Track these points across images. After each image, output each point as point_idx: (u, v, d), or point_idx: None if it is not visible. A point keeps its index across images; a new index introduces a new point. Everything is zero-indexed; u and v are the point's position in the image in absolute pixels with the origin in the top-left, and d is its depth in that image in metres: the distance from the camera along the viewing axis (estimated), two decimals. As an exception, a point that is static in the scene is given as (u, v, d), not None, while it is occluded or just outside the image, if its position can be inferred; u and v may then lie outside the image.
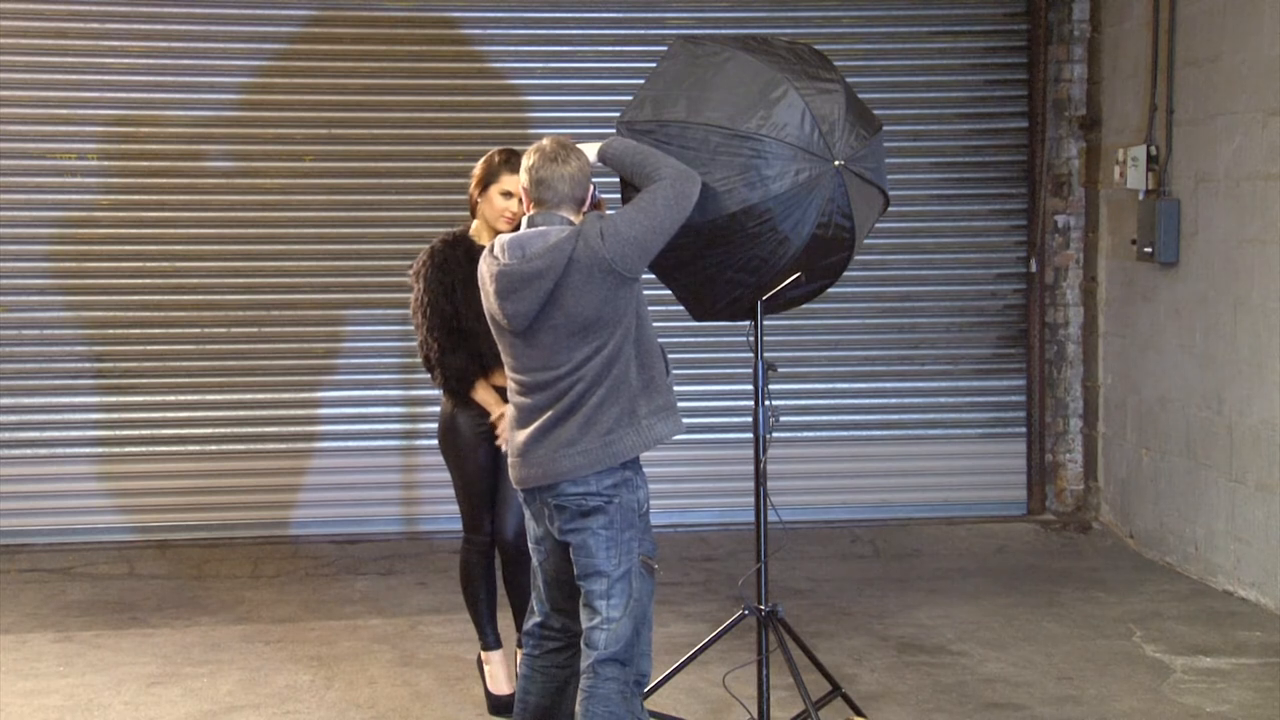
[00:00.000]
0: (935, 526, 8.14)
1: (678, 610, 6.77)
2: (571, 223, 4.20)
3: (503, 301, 4.17)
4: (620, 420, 4.19)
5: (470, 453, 5.26)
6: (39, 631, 6.52)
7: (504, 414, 5.09)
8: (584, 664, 4.26)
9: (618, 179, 4.61)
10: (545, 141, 4.27)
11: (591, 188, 4.28)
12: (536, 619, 4.49)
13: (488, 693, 5.44)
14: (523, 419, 4.30)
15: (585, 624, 4.27)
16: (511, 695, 5.15)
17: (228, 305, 7.91)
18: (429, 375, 5.26)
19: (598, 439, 4.18)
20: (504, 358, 4.34)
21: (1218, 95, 6.95)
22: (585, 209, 4.26)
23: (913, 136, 8.18)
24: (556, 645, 4.46)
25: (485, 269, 4.25)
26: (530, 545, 4.46)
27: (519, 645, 5.34)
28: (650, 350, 4.29)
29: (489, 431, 5.21)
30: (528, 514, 4.42)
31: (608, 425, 4.17)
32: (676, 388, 7.82)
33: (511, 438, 4.36)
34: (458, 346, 5.15)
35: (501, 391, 5.13)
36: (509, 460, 4.39)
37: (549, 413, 4.21)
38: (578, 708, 4.25)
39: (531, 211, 4.26)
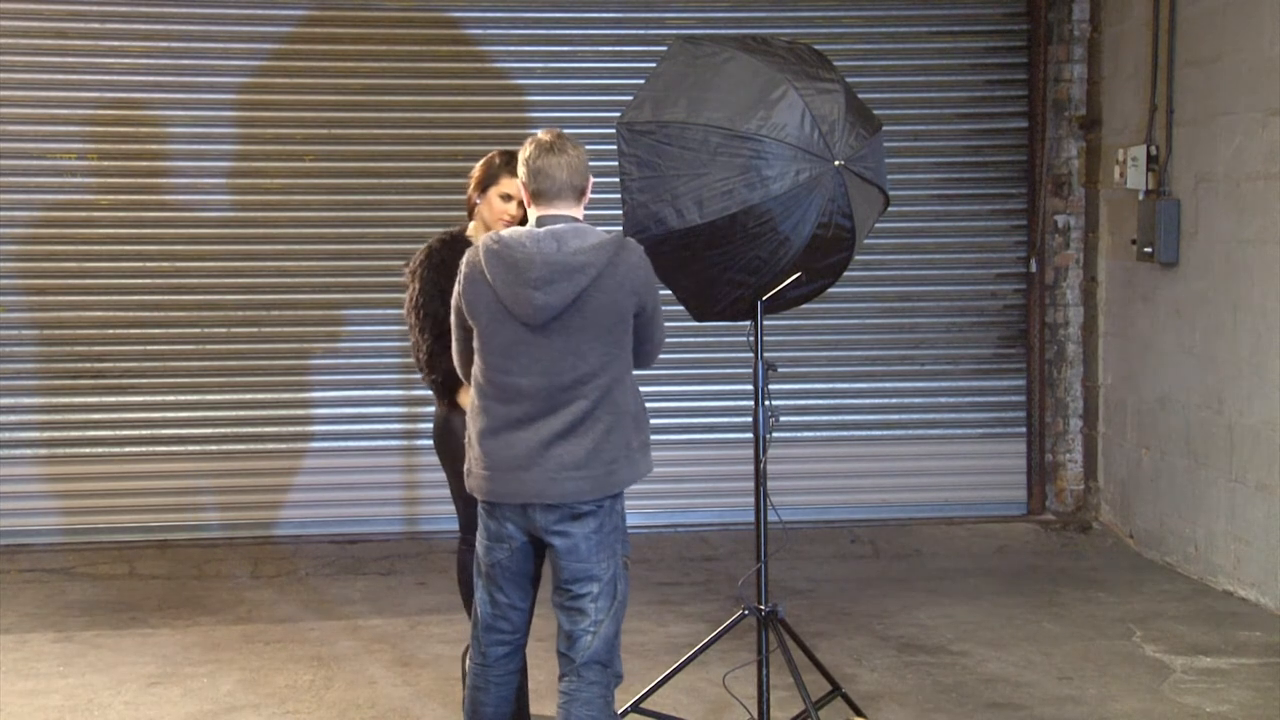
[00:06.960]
0: (935, 526, 8.14)
1: (678, 610, 6.77)
2: (580, 221, 4.14)
3: (535, 291, 4.01)
4: (620, 450, 4.15)
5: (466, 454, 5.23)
6: (39, 631, 6.52)
7: None
8: (564, 667, 4.20)
9: (617, 179, 4.62)
10: (541, 133, 4.19)
11: (590, 181, 4.19)
12: (483, 625, 4.32)
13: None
14: (498, 427, 4.14)
15: (568, 627, 4.19)
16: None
17: (228, 305, 7.91)
18: (420, 374, 5.25)
19: (602, 467, 4.12)
20: (490, 358, 4.14)
21: (1218, 95, 6.95)
22: (585, 201, 4.18)
23: (913, 136, 8.18)
24: (505, 651, 4.34)
25: (507, 255, 4.05)
26: (483, 543, 4.27)
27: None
28: (637, 387, 4.27)
29: None
30: (487, 514, 4.24)
31: (612, 455, 4.13)
32: (677, 388, 7.99)
33: (484, 447, 4.17)
34: (450, 348, 5.13)
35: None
36: (476, 470, 4.20)
37: (542, 426, 4.10)
38: (559, 711, 4.19)
39: (533, 207, 4.16)
